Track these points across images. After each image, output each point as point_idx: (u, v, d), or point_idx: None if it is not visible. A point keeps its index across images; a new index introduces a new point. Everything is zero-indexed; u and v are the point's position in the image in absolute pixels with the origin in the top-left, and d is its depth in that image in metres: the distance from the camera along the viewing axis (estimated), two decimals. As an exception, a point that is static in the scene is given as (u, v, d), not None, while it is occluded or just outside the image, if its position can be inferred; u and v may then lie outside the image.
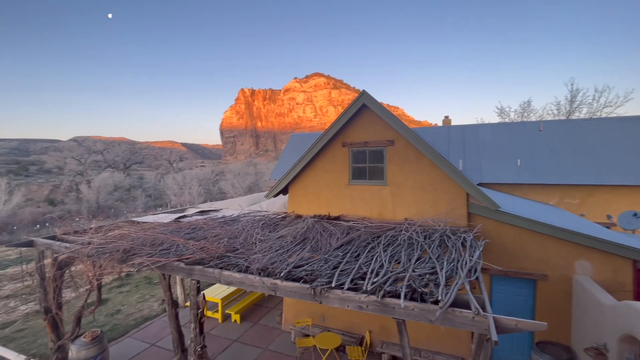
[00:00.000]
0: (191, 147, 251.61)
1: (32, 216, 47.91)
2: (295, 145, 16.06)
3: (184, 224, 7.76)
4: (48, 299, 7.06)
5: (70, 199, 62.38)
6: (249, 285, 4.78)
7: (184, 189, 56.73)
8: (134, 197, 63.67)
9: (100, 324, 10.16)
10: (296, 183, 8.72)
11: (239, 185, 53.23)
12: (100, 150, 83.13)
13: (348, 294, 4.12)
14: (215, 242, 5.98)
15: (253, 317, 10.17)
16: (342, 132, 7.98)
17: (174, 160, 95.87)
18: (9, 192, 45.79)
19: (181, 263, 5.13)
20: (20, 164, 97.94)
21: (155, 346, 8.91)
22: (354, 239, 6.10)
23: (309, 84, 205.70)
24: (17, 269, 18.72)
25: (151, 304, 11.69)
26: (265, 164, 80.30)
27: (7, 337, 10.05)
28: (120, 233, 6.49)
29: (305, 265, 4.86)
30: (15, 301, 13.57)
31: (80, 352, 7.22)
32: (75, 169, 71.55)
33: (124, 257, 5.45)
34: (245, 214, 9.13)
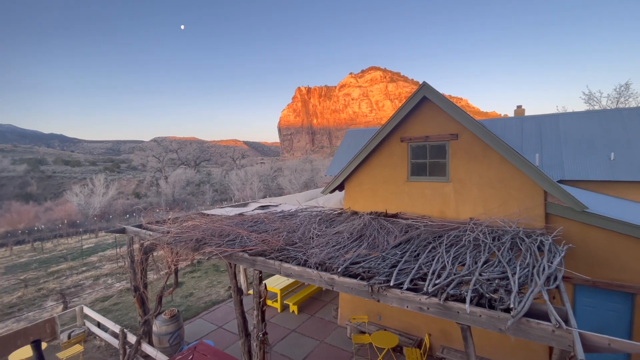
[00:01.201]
0: (252, 145, 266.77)
1: (123, 207, 55.44)
2: (351, 141, 15.98)
3: (247, 217, 8.27)
4: (137, 279, 8.13)
5: (151, 192, 70.81)
6: (307, 279, 4.91)
7: (245, 185, 60.50)
8: (202, 192, 69.82)
9: (177, 304, 11.37)
10: (352, 179, 8.69)
11: (296, 181, 54.94)
12: (175, 149, 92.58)
13: (407, 294, 3.98)
14: (276, 235, 6.25)
15: (310, 310, 10.46)
16: (401, 127, 7.71)
17: (237, 157, 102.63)
18: (106, 186, 53.62)
19: (245, 254, 5.48)
20: (114, 162, 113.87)
21: (222, 328, 9.69)
22: (413, 237, 5.87)
23: (364, 78, 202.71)
24: (112, 252, 21.86)
25: (218, 290, 12.72)
26: (321, 161, 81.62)
27: (106, 308, 11.82)
28: (193, 224, 7.17)
29: (363, 262, 4.82)
30: (111, 279, 15.88)
31: (161, 327, 8.19)
32: (155, 166, 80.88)
33: (197, 245, 6.00)
34: (303, 209, 9.38)
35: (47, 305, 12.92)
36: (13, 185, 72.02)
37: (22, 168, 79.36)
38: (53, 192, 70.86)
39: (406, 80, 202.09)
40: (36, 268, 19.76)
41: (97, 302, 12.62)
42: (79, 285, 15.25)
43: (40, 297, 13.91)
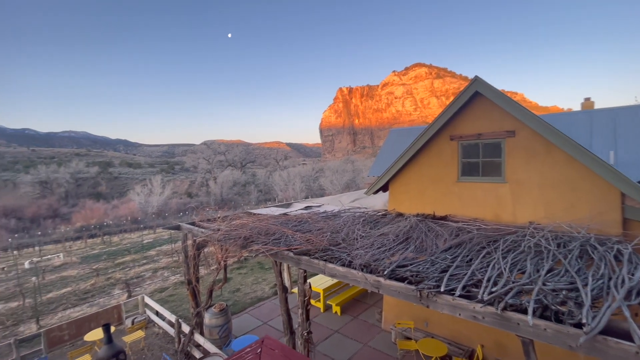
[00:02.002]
0: (294, 147, 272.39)
1: (177, 205, 59.75)
2: (395, 141, 15.56)
3: (291, 217, 8.43)
4: (190, 273, 8.69)
5: (202, 192, 75.52)
6: (352, 280, 4.85)
7: (288, 185, 61.94)
8: (248, 192, 72.84)
9: (225, 299, 11.94)
10: (397, 180, 8.44)
11: (337, 181, 55.00)
12: (223, 151, 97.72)
13: (460, 302, 3.75)
14: (319, 235, 6.28)
15: (353, 311, 10.36)
16: (450, 124, 7.32)
17: (279, 159, 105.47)
18: (163, 187, 58.24)
19: (290, 252, 5.58)
20: (169, 164, 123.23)
21: (267, 325, 9.97)
22: (465, 241, 5.53)
23: (408, 75, 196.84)
24: (168, 247, 23.62)
25: (263, 287, 13.13)
26: (363, 161, 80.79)
27: (163, 299, 12.78)
28: (241, 223, 7.47)
29: (410, 266, 4.65)
30: (167, 272, 17.16)
31: (211, 319, 8.65)
32: (205, 168, 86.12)
33: (245, 243, 6.24)
34: (346, 210, 9.33)
35: (114, 293, 14.34)
36: (87, 185, 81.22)
37: (94, 170, 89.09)
38: (119, 192, 78.70)
39: (454, 76, 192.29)
40: (105, 259, 22.05)
41: (155, 293, 13.72)
42: (140, 276, 16.72)
43: (109, 286, 15.48)
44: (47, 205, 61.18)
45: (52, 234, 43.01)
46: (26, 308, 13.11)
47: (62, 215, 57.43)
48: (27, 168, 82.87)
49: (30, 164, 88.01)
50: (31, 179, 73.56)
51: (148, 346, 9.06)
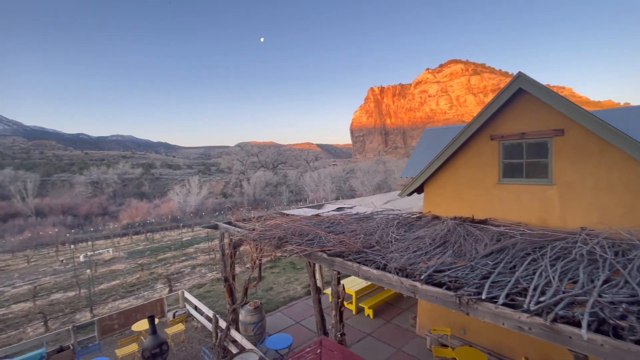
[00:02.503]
0: (325, 147, 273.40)
1: (213, 205, 62.27)
2: (429, 141, 15.10)
3: (323, 218, 8.48)
4: (227, 270, 9.02)
5: (236, 192, 78.19)
6: (387, 284, 4.78)
7: (319, 186, 62.31)
8: (279, 192, 74.29)
9: (259, 297, 12.25)
10: (433, 181, 8.19)
11: (368, 183, 54.42)
12: (255, 153, 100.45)
13: (503, 310, 3.56)
14: (353, 237, 6.26)
15: (385, 315, 10.19)
16: (491, 123, 6.97)
17: (310, 160, 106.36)
18: (200, 187, 61.00)
19: (324, 254, 5.61)
20: (205, 165, 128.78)
21: (299, 324, 10.09)
22: (507, 247, 5.24)
23: (443, 73, 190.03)
24: (205, 245, 24.67)
25: (295, 287, 13.31)
26: (395, 162, 79.29)
27: (200, 295, 13.36)
28: (275, 223, 7.64)
29: (448, 271, 4.49)
30: (205, 269, 17.93)
31: (246, 316, 8.91)
32: (239, 169, 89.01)
33: (279, 243, 6.38)
34: (379, 212, 9.21)
35: (157, 287, 15.25)
36: (132, 185, 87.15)
37: (138, 171, 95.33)
38: (160, 192, 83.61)
39: (492, 72, 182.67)
40: (149, 255, 23.51)
41: (194, 288, 14.40)
42: (179, 272, 17.64)
43: (152, 280, 16.49)
44: (98, 204, 66.49)
45: (102, 230, 46.67)
46: (81, 298, 14.33)
47: (110, 213, 62.13)
48: (81, 170, 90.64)
49: (84, 166, 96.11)
50: (84, 179, 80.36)
51: (188, 339, 9.53)
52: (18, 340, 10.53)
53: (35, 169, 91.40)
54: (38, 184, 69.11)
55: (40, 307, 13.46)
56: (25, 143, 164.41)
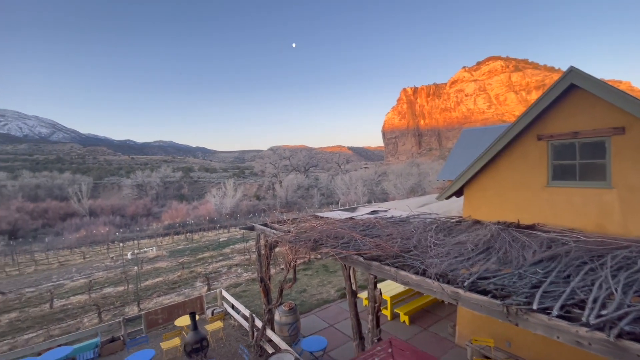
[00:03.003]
0: (356, 150, 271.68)
1: (247, 207, 64.11)
2: (468, 142, 14.49)
3: (357, 221, 8.41)
4: (262, 271, 9.24)
5: (269, 195, 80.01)
6: (426, 289, 4.63)
7: (350, 189, 61.98)
8: (311, 195, 74.88)
9: (293, 298, 12.38)
10: (473, 184, 7.84)
11: (401, 185, 53.17)
12: (287, 156, 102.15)
13: (558, 323, 3.31)
14: (389, 241, 6.14)
15: (422, 322, 9.87)
16: (538, 122, 6.54)
17: (341, 163, 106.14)
18: (235, 190, 63.14)
19: (360, 257, 5.56)
20: (240, 169, 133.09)
21: (334, 327, 10.06)
22: (560, 255, 4.87)
23: (481, 70, 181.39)
24: (241, 246, 25.41)
25: (329, 289, 13.30)
26: (429, 164, 76.82)
27: (237, 294, 13.77)
28: (310, 225, 7.71)
29: (493, 278, 4.26)
30: (240, 269, 18.48)
31: (282, 317, 9.06)
32: (272, 172, 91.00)
33: (314, 245, 6.42)
34: (415, 216, 8.97)
35: (196, 285, 15.96)
36: (173, 188, 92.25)
37: (179, 175, 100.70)
38: (198, 194, 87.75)
39: (536, 67, 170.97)
40: (188, 254, 24.69)
41: (230, 288, 14.89)
42: (217, 271, 18.33)
43: (192, 278, 17.30)
44: (143, 205, 71.10)
45: (146, 230, 49.81)
46: (130, 292, 15.37)
47: (153, 214, 66.14)
48: (128, 173, 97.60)
49: (130, 170, 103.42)
50: (131, 182, 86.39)
51: (226, 336, 9.87)
52: (76, 329, 11.51)
53: (89, 173, 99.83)
54: (91, 186, 75.38)
55: (95, 300, 14.62)
56: (81, 149, 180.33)
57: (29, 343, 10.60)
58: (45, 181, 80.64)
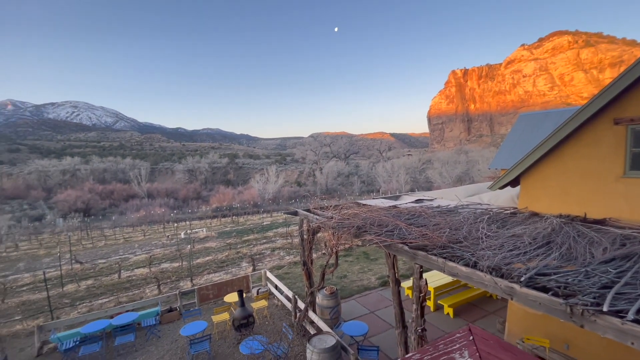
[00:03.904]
0: (399, 137, 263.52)
1: (288, 193, 65.76)
2: (525, 127, 13.32)
3: (402, 209, 8.21)
4: (305, 255, 9.47)
5: (309, 181, 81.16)
6: (477, 282, 4.42)
7: (392, 177, 60.61)
8: (351, 182, 74.60)
9: (334, 283, 12.60)
10: (532, 174, 7.21)
11: (447, 174, 50.73)
12: (328, 143, 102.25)
13: (633, 327, 2.97)
14: (436, 231, 5.93)
15: (467, 316, 9.52)
16: (615, 105, 5.77)
17: (383, 150, 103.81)
18: (277, 176, 64.93)
19: (405, 246, 5.45)
20: (281, 155, 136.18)
21: (374, 314, 10.10)
22: (636, 254, 4.34)
23: (543, 48, 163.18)
24: (283, 230, 26.26)
25: (369, 277, 13.31)
26: (479, 151, 72.03)
27: (279, 275, 14.33)
28: (353, 212, 7.69)
29: (555, 275, 3.93)
30: (283, 252, 19.14)
31: (323, 300, 9.28)
32: (312, 159, 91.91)
33: (357, 232, 6.41)
34: (463, 206, 8.53)
35: (242, 265, 16.89)
36: (220, 173, 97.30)
37: (225, 161, 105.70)
38: (243, 179, 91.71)
39: (612, 42, 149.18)
40: (234, 236, 26.11)
41: (273, 269, 15.53)
42: (261, 253, 19.20)
43: (238, 259, 18.32)
44: (193, 189, 76.16)
45: (196, 212, 53.43)
46: (183, 268, 16.74)
47: (203, 197, 70.68)
48: (180, 159, 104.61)
49: (182, 156, 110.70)
50: (182, 167, 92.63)
51: (270, 315, 10.38)
52: (140, 297, 12.85)
53: (147, 158, 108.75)
54: (149, 171, 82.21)
55: (154, 273, 16.16)
56: (139, 137, 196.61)
57: (102, 307, 12.09)
58: (111, 165, 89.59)
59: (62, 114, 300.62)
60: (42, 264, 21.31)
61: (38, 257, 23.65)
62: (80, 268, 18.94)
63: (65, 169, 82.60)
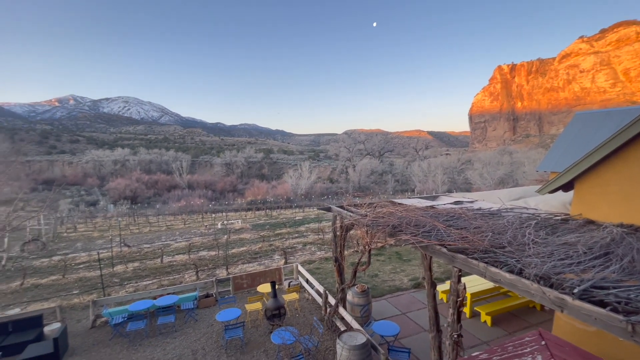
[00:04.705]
0: (437, 135, 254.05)
1: (321, 189, 66.10)
2: (582, 127, 12.23)
3: (439, 210, 7.92)
4: (337, 251, 9.49)
5: (342, 178, 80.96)
6: (522, 291, 4.15)
7: (428, 177, 58.65)
8: (385, 181, 73.32)
9: (365, 281, 12.50)
10: (589, 178, 6.61)
11: (489, 175, 48.07)
12: (362, 140, 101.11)
13: None
14: (477, 234, 5.65)
15: (507, 326, 9.00)
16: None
17: (420, 148, 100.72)
18: (310, 172, 65.50)
19: (443, 248, 5.25)
20: (315, 152, 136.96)
21: (405, 316, 9.89)
22: None
23: (605, 40, 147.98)
24: (315, 225, 26.47)
25: (401, 277, 13.04)
26: (525, 152, 67.26)
27: (310, 270, 14.47)
28: (388, 211, 7.55)
29: (613, 289, 3.59)
30: (314, 247, 19.32)
31: (354, 298, 9.24)
32: (345, 156, 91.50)
33: (392, 231, 6.29)
34: (507, 209, 8.03)
35: (275, 258, 17.30)
36: (255, 167, 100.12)
37: (260, 156, 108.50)
38: (277, 174, 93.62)
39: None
40: (268, 229, 26.78)
41: (304, 264, 15.73)
42: (293, 247, 19.52)
43: (271, 251, 18.78)
44: (230, 182, 79.09)
45: (232, 204, 55.46)
46: (220, 257, 17.49)
47: (238, 190, 73.19)
48: (218, 153, 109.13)
49: (220, 150, 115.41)
50: (220, 161, 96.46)
51: (300, 308, 10.55)
52: (179, 282, 13.65)
53: (188, 151, 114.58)
54: (189, 163, 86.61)
55: (193, 260, 17.07)
56: (181, 131, 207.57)
57: (146, 288, 13.00)
58: (156, 157, 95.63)
59: (115, 109, 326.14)
60: (96, 245, 23.34)
61: (93, 239, 25.94)
62: (128, 251, 20.49)
63: (116, 159, 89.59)
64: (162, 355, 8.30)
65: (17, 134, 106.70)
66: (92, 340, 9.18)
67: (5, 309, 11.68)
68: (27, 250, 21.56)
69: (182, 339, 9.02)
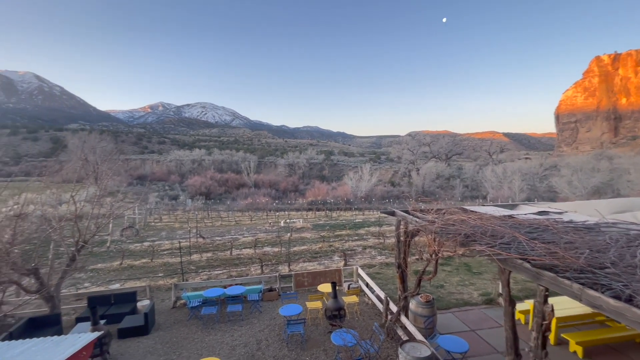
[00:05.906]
0: (514, 137, 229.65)
1: (381, 192, 64.70)
2: None
3: (520, 220, 7.12)
4: (400, 257, 9.16)
5: (404, 182, 78.13)
6: (631, 321, 3.49)
7: (502, 183, 53.29)
8: (452, 186, 68.69)
9: (429, 292, 11.83)
10: None
11: (580, 183, 41.69)
12: (427, 142, 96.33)
13: None
14: (569, 250, 4.92)
15: (602, 359, 7.68)
16: None
17: (494, 151, 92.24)
18: (370, 174, 64.60)
19: (526, 263, 4.70)
20: (376, 154, 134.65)
21: (475, 333, 9.10)
22: None
23: None
24: (375, 229, 26.00)
25: (470, 291, 12.05)
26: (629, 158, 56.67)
27: (370, 274, 14.21)
28: (460, 218, 7.03)
29: None
30: (374, 251, 18.97)
31: (417, 307, 8.82)
32: (409, 159, 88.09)
33: (465, 241, 5.83)
34: (608, 224, 6.86)
35: (334, 259, 17.42)
36: (316, 169, 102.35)
37: (321, 157, 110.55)
38: (337, 176, 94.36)
39: None
40: (328, 229, 27.10)
41: (364, 267, 15.50)
42: (352, 249, 19.43)
43: (331, 252, 18.96)
44: (292, 182, 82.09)
45: (294, 204, 57.49)
46: (282, 254, 18.25)
47: (300, 190, 75.54)
48: (282, 154, 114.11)
49: (284, 151, 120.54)
50: (284, 162, 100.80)
51: (360, 312, 10.43)
52: (246, 274, 14.59)
53: (255, 152, 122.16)
54: (256, 163, 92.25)
55: (258, 255, 18.11)
56: (250, 133, 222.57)
57: (218, 277, 14.18)
58: (227, 157, 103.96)
59: (194, 113, 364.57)
60: (177, 235, 26.27)
61: (174, 229, 29.25)
62: (203, 242, 22.62)
63: (194, 159, 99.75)
64: (231, 340, 8.96)
65: (119, 137, 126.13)
66: (173, 319, 10.33)
67: (109, 284, 13.82)
68: (125, 235, 25.25)
69: (248, 327, 9.62)
